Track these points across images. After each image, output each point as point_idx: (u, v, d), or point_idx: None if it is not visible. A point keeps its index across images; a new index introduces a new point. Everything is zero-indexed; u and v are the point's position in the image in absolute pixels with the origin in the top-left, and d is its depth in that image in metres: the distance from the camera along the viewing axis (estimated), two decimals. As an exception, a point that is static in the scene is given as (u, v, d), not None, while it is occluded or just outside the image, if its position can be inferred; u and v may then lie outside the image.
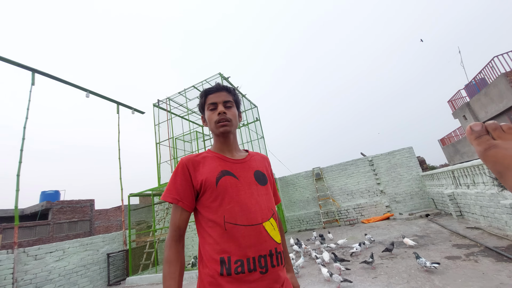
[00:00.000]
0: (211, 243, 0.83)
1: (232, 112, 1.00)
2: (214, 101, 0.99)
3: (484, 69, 9.28)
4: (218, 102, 0.98)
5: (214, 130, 0.99)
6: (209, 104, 0.99)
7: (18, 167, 6.27)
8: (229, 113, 0.98)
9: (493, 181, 4.70)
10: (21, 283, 5.59)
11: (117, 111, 10.25)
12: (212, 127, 0.98)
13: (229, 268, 0.79)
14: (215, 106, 0.98)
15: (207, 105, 1.00)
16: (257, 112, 11.94)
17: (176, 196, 0.88)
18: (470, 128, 0.41)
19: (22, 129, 6.63)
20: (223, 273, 0.79)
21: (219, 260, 0.80)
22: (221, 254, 0.81)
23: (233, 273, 0.79)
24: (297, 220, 10.77)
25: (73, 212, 16.43)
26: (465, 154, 12.18)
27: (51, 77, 8.15)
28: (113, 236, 7.99)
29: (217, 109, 0.97)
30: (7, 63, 7.14)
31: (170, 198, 0.88)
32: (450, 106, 12.69)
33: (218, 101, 0.98)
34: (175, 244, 0.87)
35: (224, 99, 0.99)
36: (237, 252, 0.81)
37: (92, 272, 6.99)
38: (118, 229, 18.13)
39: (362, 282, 3.55)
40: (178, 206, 0.89)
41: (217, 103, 0.98)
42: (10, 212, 15.66)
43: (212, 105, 0.99)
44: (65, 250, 6.61)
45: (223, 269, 0.79)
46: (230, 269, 0.79)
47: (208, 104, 1.00)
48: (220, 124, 0.96)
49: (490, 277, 2.94)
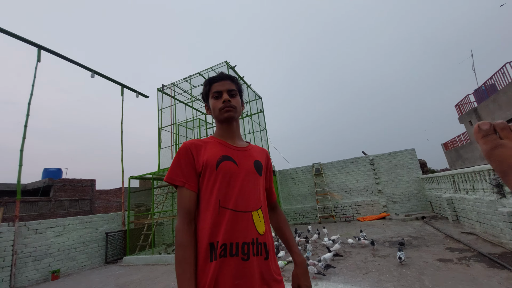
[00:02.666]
0: (204, 227, 0.84)
1: (236, 100, 1.01)
2: (218, 89, 1.00)
3: (495, 75, 9.10)
4: (223, 90, 1.00)
5: (218, 117, 1.00)
6: (214, 92, 1.01)
7: (21, 142, 6.34)
8: (233, 101, 1.00)
9: (492, 188, 4.69)
10: (21, 255, 5.75)
11: (121, 94, 10.24)
12: (217, 113, 1.00)
13: (216, 253, 0.80)
14: (220, 94, 1.00)
15: (212, 93, 1.01)
16: (261, 103, 11.87)
17: (182, 179, 0.88)
18: (478, 127, 0.40)
19: (27, 105, 6.67)
20: (212, 259, 0.79)
21: (209, 245, 0.81)
22: (211, 240, 0.82)
23: (218, 257, 0.79)
24: (293, 213, 10.89)
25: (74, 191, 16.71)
26: (467, 160, 12.11)
27: (57, 55, 8.10)
28: (113, 216, 8.14)
29: (222, 97, 0.99)
30: (14, 37, 7.10)
31: (178, 181, 0.87)
32: (457, 110, 12.52)
33: (222, 89, 1.00)
34: (188, 227, 0.85)
35: (228, 88, 1.01)
36: (224, 236, 0.81)
37: (91, 249, 7.17)
38: (117, 210, 18.46)
39: (353, 277, 3.61)
40: (185, 189, 0.88)
41: (221, 91, 1.00)
42: (13, 187, 15.94)
43: (216, 93, 1.00)
44: (65, 226, 6.77)
45: (212, 255, 0.80)
46: (216, 254, 0.80)
47: (212, 92, 1.01)
48: (224, 110, 0.98)
49: (480, 282, 2.98)
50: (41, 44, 7.44)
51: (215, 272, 0.78)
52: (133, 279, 5.29)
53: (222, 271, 0.78)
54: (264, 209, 0.95)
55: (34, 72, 7.07)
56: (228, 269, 0.79)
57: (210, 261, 0.80)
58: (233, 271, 0.79)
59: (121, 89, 10.29)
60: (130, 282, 5.06)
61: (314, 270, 3.71)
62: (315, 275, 3.74)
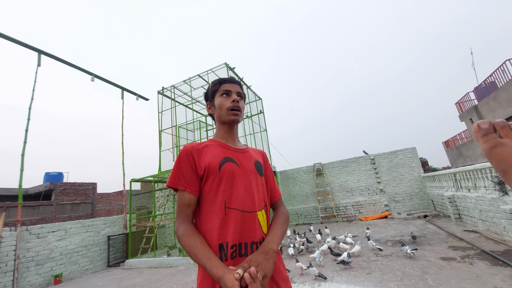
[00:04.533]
0: (211, 229, 0.84)
1: (242, 103, 1.04)
2: (228, 89, 1.02)
3: (495, 72, 9.08)
4: (232, 91, 1.02)
5: (223, 116, 1.01)
6: (223, 90, 1.02)
7: (23, 147, 6.36)
8: (240, 103, 1.02)
9: (494, 186, 4.68)
10: (23, 260, 5.76)
11: (121, 97, 10.27)
12: (223, 113, 1.00)
13: (226, 254, 0.81)
14: (229, 93, 1.02)
15: (221, 91, 1.02)
16: (261, 104, 11.87)
17: (184, 183, 0.88)
18: (477, 126, 0.40)
19: (28, 109, 6.69)
20: (222, 260, 0.80)
21: (218, 246, 0.81)
22: (220, 241, 0.82)
23: (229, 259, 0.80)
24: (295, 214, 10.87)
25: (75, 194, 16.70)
26: (469, 158, 12.08)
27: (57, 59, 8.14)
28: (114, 220, 8.15)
29: (231, 97, 1.01)
30: (14, 43, 7.13)
31: (180, 185, 0.87)
32: (457, 108, 12.50)
33: (232, 90, 1.02)
34: (187, 223, 0.86)
35: (238, 90, 1.04)
36: (233, 237, 0.82)
37: (93, 253, 7.17)
38: (119, 213, 18.45)
39: (356, 277, 3.60)
40: (186, 192, 0.87)
41: (231, 91, 1.02)
42: (14, 191, 15.95)
43: (226, 92, 1.02)
44: (67, 230, 6.77)
45: (222, 256, 0.80)
46: (227, 255, 0.80)
47: (221, 91, 1.02)
48: (232, 112, 0.99)
49: (484, 279, 2.96)
50: (41, 49, 7.48)
51: None
52: (136, 282, 5.29)
53: None
54: (266, 209, 0.97)
55: (35, 77, 7.10)
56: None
57: None
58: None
59: (121, 92, 10.32)
60: (133, 285, 5.05)
61: (315, 272, 3.69)
62: (316, 277, 3.72)
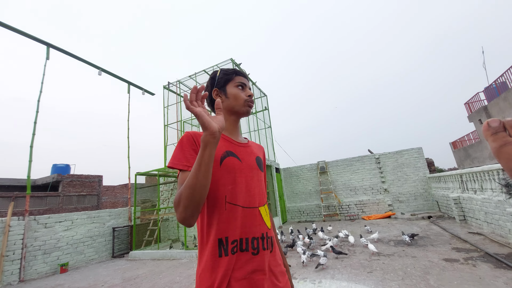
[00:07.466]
0: (211, 223, 0.84)
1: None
2: (244, 82, 1.04)
3: (507, 73, 8.87)
4: (247, 86, 1.05)
5: (238, 107, 1.00)
6: (239, 82, 1.03)
7: (31, 138, 6.48)
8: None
9: (501, 188, 4.61)
10: (30, 249, 5.91)
11: (128, 91, 10.35)
12: (240, 103, 1.00)
13: (227, 249, 0.80)
14: (243, 86, 1.03)
15: (236, 82, 1.02)
16: (266, 101, 11.84)
17: (186, 163, 0.85)
18: (487, 124, 0.40)
19: (36, 102, 6.80)
20: (221, 254, 0.80)
21: (217, 241, 0.81)
22: (220, 235, 0.82)
23: (229, 254, 0.80)
24: (297, 211, 10.89)
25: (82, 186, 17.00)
26: (476, 159, 11.89)
27: (65, 53, 8.22)
28: (119, 212, 8.28)
29: (246, 90, 1.03)
30: (24, 36, 7.22)
31: (180, 165, 0.85)
32: (466, 108, 12.28)
33: (246, 84, 1.05)
34: None
35: (249, 86, 1.07)
36: (234, 232, 0.82)
37: (98, 244, 7.32)
38: (124, 205, 18.72)
39: (357, 276, 3.61)
40: (186, 172, 0.84)
41: (246, 85, 1.04)
42: (23, 182, 16.32)
43: (241, 84, 1.03)
44: (73, 221, 6.92)
45: (221, 250, 0.80)
46: (227, 250, 0.80)
47: (237, 82, 1.03)
48: (248, 103, 1.01)
49: (487, 282, 2.94)
50: (50, 42, 7.56)
51: (229, 267, 0.79)
52: (139, 273, 5.39)
53: (235, 266, 0.80)
54: (268, 205, 0.98)
55: (43, 70, 7.20)
56: (239, 264, 0.80)
57: (219, 256, 0.80)
58: (244, 266, 0.81)
59: (128, 87, 10.39)
60: (137, 276, 5.15)
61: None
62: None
